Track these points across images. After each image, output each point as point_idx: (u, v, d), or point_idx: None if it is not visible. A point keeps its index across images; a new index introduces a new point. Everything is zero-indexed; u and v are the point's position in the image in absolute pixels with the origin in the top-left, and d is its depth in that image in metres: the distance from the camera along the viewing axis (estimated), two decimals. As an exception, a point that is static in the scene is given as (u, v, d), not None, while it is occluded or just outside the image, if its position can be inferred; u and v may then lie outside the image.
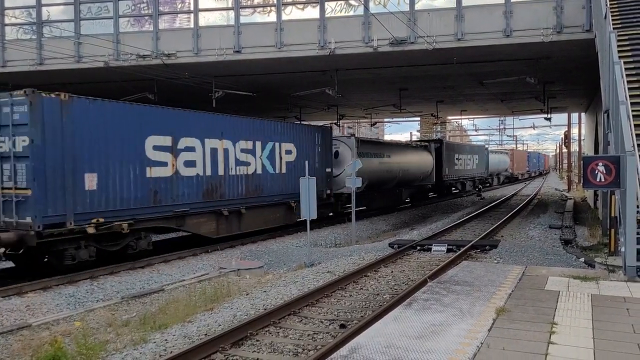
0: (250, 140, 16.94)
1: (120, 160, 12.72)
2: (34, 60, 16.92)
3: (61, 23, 17.22)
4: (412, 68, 17.62)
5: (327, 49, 15.43)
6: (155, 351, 7.26)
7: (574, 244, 15.14)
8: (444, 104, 27.43)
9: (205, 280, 11.91)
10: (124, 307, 10.05)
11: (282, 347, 7.30)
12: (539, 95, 21.71)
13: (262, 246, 16.76)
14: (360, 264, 12.72)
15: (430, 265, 12.69)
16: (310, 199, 14.24)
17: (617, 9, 13.30)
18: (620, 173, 7.78)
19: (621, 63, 9.36)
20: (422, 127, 56.28)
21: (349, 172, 18.20)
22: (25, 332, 8.43)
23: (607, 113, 10.31)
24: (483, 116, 43.19)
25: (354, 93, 22.31)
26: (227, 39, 16.10)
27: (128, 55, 16.37)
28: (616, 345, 5.05)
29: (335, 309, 9.14)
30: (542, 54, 15.59)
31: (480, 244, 14.69)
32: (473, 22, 14.75)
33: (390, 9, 14.96)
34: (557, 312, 6.11)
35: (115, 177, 12.59)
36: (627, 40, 11.66)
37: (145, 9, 17.04)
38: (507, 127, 54.49)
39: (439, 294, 6.98)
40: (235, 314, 8.90)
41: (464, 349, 4.96)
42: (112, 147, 12.51)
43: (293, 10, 16.24)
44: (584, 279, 7.71)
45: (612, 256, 9.45)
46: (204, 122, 15.24)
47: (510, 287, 7.30)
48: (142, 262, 13.58)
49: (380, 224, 22.59)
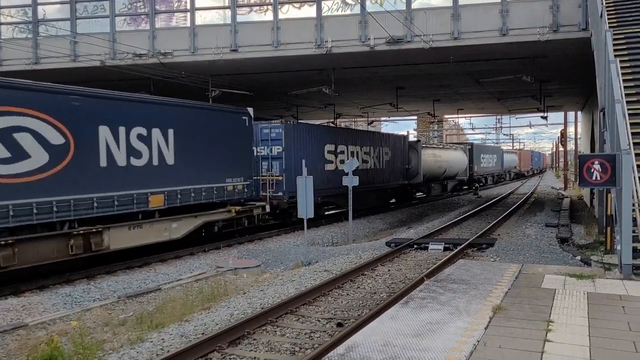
0: (370, 146, 25.67)
1: (314, 159, 19.95)
2: (30, 59, 16.86)
3: (57, 22, 17.17)
4: (408, 67, 17.64)
5: (324, 47, 15.43)
6: (152, 350, 7.25)
7: (570, 242, 15.18)
8: (440, 102, 27.45)
9: (203, 279, 11.90)
10: (120, 306, 10.04)
11: (279, 346, 7.30)
12: (536, 94, 21.75)
13: (260, 245, 16.76)
14: (357, 262, 12.73)
15: (427, 263, 12.70)
16: (308, 198, 14.24)
17: (613, 7, 13.35)
18: (616, 171, 7.81)
19: (617, 62, 9.39)
20: (419, 126, 56.36)
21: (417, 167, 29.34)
22: (22, 332, 8.41)
23: (603, 111, 10.34)
24: (480, 115, 43.37)
25: (350, 92, 22.32)
26: (223, 37, 16.08)
27: (124, 54, 16.34)
28: (612, 342, 5.08)
29: (332, 307, 9.15)
30: (539, 52, 15.62)
31: (477, 242, 14.72)
32: (469, 20, 14.76)
33: (387, 7, 14.97)
34: (553, 310, 6.13)
35: (319, 167, 20.70)
36: (623, 39, 11.70)
37: (142, 8, 17.00)
38: (504, 125, 54.74)
39: (435, 292, 7.00)
40: (233, 313, 8.90)
41: (460, 347, 4.98)
42: (310, 151, 20.04)
43: (290, 9, 16.22)
44: (580, 277, 7.74)
45: (608, 254, 9.48)
46: (358, 136, 24.97)
47: (506, 285, 7.32)
48: (138, 261, 13.57)
49: (377, 223, 22.61)
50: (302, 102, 23.91)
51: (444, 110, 33.40)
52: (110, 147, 12.45)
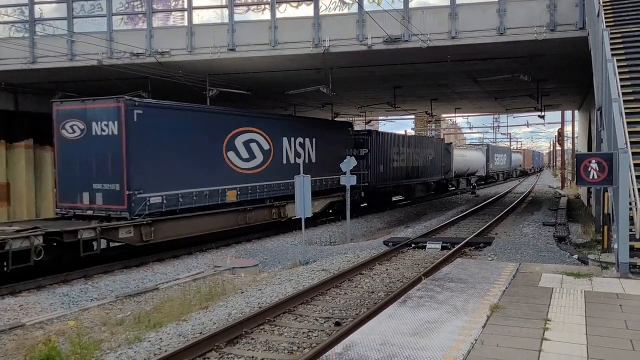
0: (419, 147, 32.40)
1: (386, 158, 26.94)
2: (27, 58, 16.79)
3: (54, 21, 17.10)
4: (406, 66, 17.63)
5: (322, 47, 15.40)
6: (149, 350, 7.25)
7: (567, 241, 15.20)
8: (438, 101, 27.45)
9: (200, 278, 11.90)
10: (118, 306, 10.03)
11: (277, 345, 7.30)
12: (533, 93, 21.75)
13: (257, 244, 16.75)
14: (355, 261, 12.74)
15: (424, 262, 12.72)
16: (305, 197, 14.23)
17: (610, 6, 13.36)
18: (612, 170, 7.82)
19: (614, 61, 9.40)
20: (417, 125, 56.32)
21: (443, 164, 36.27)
22: (19, 332, 8.40)
23: (600, 110, 10.35)
24: (477, 114, 43.42)
25: (348, 91, 22.31)
26: (221, 36, 16.04)
27: (121, 54, 16.28)
28: (609, 341, 5.09)
29: (330, 306, 9.16)
30: (536, 51, 15.63)
31: (474, 241, 14.73)
32: (467, 20, 14.76)
33: (385, 7, 14.95)
34: (550, 308, 6.14)
35: (380, 167, 26.15)
36: (619, 38, 11.72)
37: (139, 7, 16.95)
38: (501, 125, 54.88)
39: (433, 291, 7.01)
40: (230, 312, 8.89)
41: (458, 346, 4.98)
42: (384, 152, 26.81)
43: (287, 8, 16.19)
44: (577, 276, 7.75)
45: (605, 253, 9.49)
46: (412, 140, 32.42)
47: (504, 284, 7.33)
48: (136, 260, 13.56)
49: (375, 222, 22.62)
50: (300, 102, 23.90)
51: (441, 109, 33.40)
52: (288, 151, 19.18)
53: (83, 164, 13.80)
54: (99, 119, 13.56)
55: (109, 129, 13.37)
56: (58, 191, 14.37)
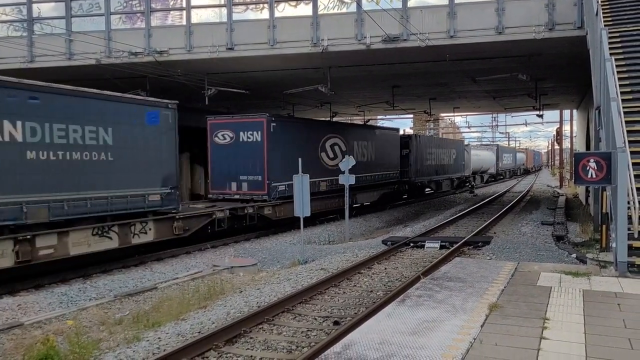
0: (446, 148, 36.97)
1: (421, 157, 31.59)
2: (25, 57, 16.77)
3: (52, 20, 17.08)
4: (404, 65, 17.64)
5: (320, 46, 15.40)
6: (148, 349, 7.24)
7: (565, 240, 15.22)
8: (436, 101, 27.45)
9: (199, 278, 11.89)
10: (116, 305, 10.01)
11: (275, 344, 7.30)
12: (531, 92, 21.77)
13: (256, 244, 16.75)
14: (353, 261, 12.74)
15: (423, 261, 12.73)
16: (304, 197, 14.23)
17: (609, 6, 13.37)
18: (611, 169, 7.83)
19: (612, 60, 9.42)
20: (415, 124, 56.35)
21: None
22: (18, 331, 8.38)
23: (599, 110, 10.37)
24: (476, 113, 43.59)
25: (346, 90, 22.31)
26: (219, 36, 16.03)
27: (120, 53, 16.27)
28: (607, 340, 5.10)
29: (328, 306, 9.16)
30: (534, 51, 15.64)
31: (473, 240, 14.74)
32: (465, 19, 14.77)
33: (383, 6, 14.95)
34: (549, 307, 6.15)
35: (418, 164, 30.97)
36: (618, 37, 11.72)
37: (137, 6, 16.93)
38: (500, 124, 55.11)
39: (432, 290, 7.01)
40: (229, 311, 8.89)
41: (457, 345, 4.99)
42: (420, 152, 31.27)
43: (286, 7, 16.18)
44: (576, 275, 7.76)
45: (604, 252, 9.51)
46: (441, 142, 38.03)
47: (502, 283, 7.34)
48: (134, 260, 13.55)
49: (374, 221, 22.63)
50: (299, 101, 23.89)
51: (440, 108, 33.41)
52: (357, 152, 24.04)
53: (231, 161, 18.50)
54: (246, 130, 18.44)
55: (254, 137, 18.32)
56: (211, 182, 19.08)
